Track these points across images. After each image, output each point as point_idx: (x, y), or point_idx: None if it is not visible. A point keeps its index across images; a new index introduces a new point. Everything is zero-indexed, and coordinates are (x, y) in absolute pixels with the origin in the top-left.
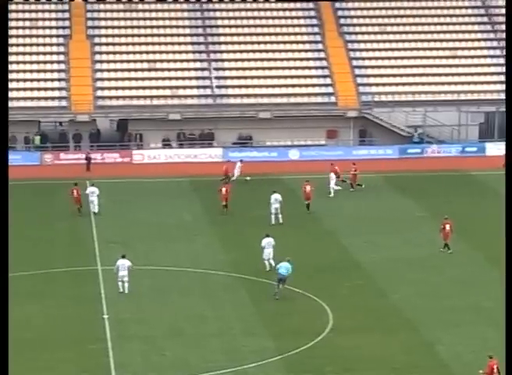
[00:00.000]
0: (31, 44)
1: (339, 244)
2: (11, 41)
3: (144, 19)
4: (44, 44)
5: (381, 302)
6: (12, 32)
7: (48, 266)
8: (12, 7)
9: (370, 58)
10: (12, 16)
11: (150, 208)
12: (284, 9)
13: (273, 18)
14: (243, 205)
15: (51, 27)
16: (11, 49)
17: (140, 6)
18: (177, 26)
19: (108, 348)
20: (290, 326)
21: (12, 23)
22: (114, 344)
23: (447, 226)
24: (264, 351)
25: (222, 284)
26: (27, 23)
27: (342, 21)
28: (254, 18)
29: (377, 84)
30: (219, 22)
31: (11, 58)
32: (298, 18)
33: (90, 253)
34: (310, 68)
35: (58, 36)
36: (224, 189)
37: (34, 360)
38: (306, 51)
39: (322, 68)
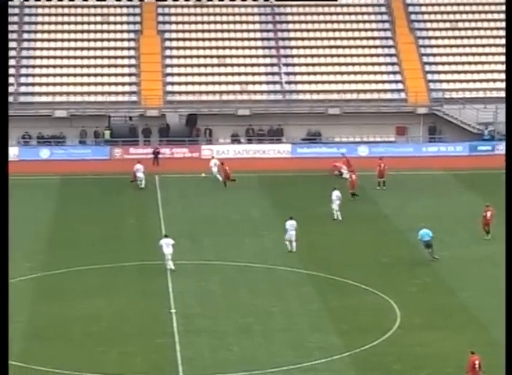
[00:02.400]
0: (102, 40)
1: (407, 242)
2: (82, 36)
3: (215, 14)
4: (116, 40)
5: (449, 300)
6: (83, 27)
7: (116, 260)
8: (83, 3)
9: (441, 55)
10: (83, 11)
11: (218, 203)
12: (355, 5)
13: (343, 14)
14: (312, 201)
15: (122, 23)
16: (82, 44)
17: (210, 2)
18: (247, 22)
19: (176, 343)
20: (358, 322)
21: (83, 19)
22: (181, 338)
23: (488, 214)
24: (331, 347)
25: (289, 280)
26: (99, 19)
27: (413, 17)
28: (325, 14)
29: (447, 81)
30: (289, 17)
31: (82, 53)
32: (369, 14)
33: (158, 248)
34: (380, 64)
35: (129, 31)
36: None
37: (103, 353)
38: (376, 47)
39: (392, 64)
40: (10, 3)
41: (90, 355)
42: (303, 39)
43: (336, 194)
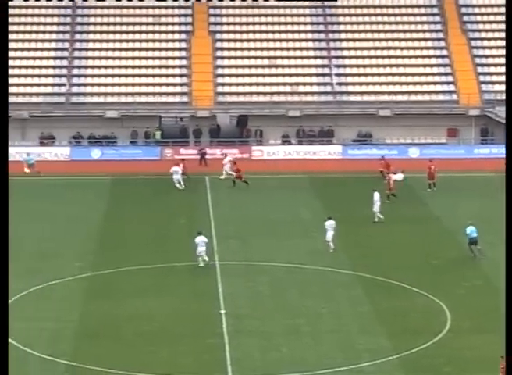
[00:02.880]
0: (154, 41)
1: (458, 244)
2: (134, 36)
3: (266, 15)
4: (167, 40)
5: (499, 303)
6: (135, 28)
7: (167, 261)
8: (136, 3)
9: (493, 56)
10: (135, 12)
11: (268, 204)
12: (407, 6)
13: (395, 15)
14: (362, 203)
15: (173, 23)
16: (134, 45)
17: (262, 3)
18: (298, 23)
19: (225, 343)
20: (407, 325)
21: (136, 19)
22: (231, 339)
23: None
24: (380, 349)
25: (339, 282)
26: (150, 20)
27: (465, 18)
28: (376, 15)
29: (500, 82)
30: (341, 19)
31: (134, 54)
32: (421, 15)
33: (208, 248)
34: (432, 66)
35: (180, 32)
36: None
37: (154, 353)
38: (428, 48)
39: (444, 66)
40: (63, 3)
41: (141, 355)
42: (354, 40)
43: (376, 195)
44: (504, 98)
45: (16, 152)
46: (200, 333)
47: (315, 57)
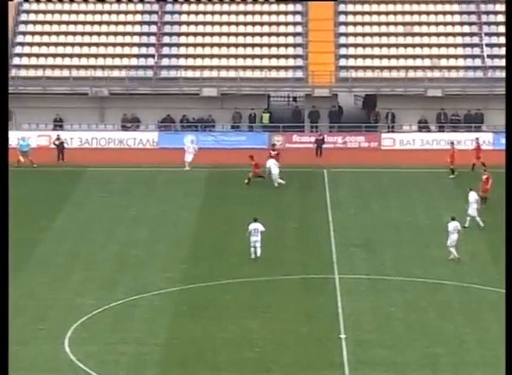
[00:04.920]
0: (262, 2)
1: None
2: None
3: None
4: (278, 1)
5: None
6: None
7: (274, 273)
8: None
9: None
10: None
11: (400, 204)
12: None
13: None
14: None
15: None
16: (237, 8)
17: None
18: None
19: None
20: None
21: None
22: (352, 370)
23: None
24: None
25: (488, 302)
26: None
27: None
28: None
29: None
30: None
31: (237, 18)
32: None
33: (326, 257)
34: None
35: None
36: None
37: None
38: None
39: None
40: None
41: None
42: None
43: (472, 196)
44: None
45: (92, 138)
46: (314, 364)
47: (462, 23)
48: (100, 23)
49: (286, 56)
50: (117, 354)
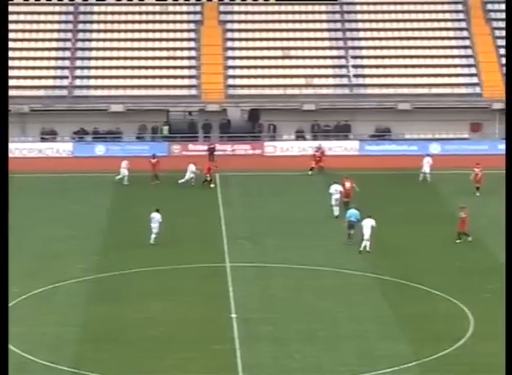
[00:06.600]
0: (161, 30)
1: (483, 246)
2: (140, 26)
3: (279, 4)
4: (175, 30)
5: None
6: (141, 17)
7: (175, 262)
8: None
9: None
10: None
11: (281, 202)
12: None
13: (415, 3)
14: (382, 201)
15: (182, 13)
16: (140, 35)
17: None
18: (313, 12)
19: (236, 349)
20: (428, 330)
21: (141, 8)
22: (242, 344)
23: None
24: (399, 355)
25: (357, 284)
26: (158, 9)
27: (489, 7)
28: (395, 3)
29: None
30: (358, 7)
31: (140, 44)
32: (442, 3)
33: (218, 249)
34: (453, 57)
35: (189, 21)
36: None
37: (161, 359)
38: (449, 38)
39: (467, 57)
40: None
41: (147, 362)
42: (371, 30)
43: (333, 188)
44: None
45: (15, 148)
46: (209, 339)
47: (331, 48)
48: (21, 50)
49: (183, 77)
50: (40, 334)
